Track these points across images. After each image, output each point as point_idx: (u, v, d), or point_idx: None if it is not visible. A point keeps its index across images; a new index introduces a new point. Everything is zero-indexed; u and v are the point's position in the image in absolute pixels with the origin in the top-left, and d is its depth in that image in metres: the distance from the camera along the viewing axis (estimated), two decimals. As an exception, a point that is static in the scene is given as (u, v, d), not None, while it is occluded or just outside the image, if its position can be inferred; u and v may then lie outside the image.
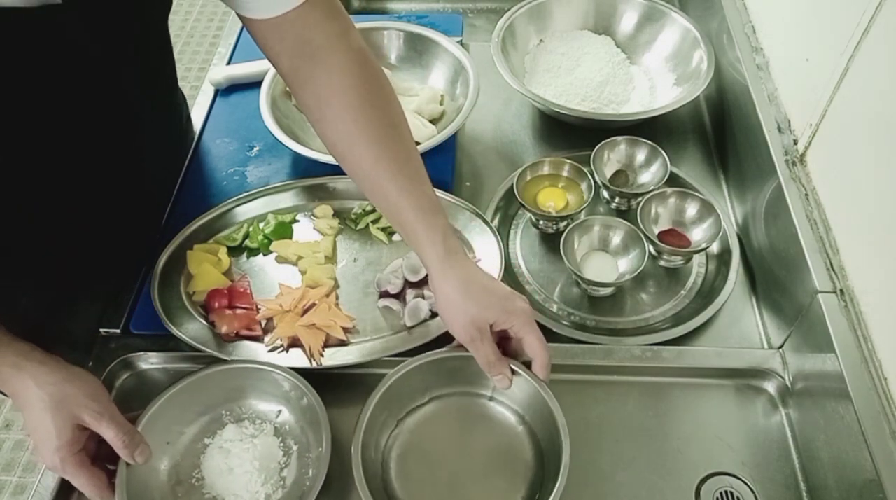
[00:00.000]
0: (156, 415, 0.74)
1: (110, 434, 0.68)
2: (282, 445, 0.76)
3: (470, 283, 0.72)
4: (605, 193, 0.98)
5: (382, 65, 1.09)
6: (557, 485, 0.66)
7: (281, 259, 0.91)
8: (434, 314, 0.83)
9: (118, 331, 0.86)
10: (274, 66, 0.75)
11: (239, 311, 0.84)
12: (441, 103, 1.06)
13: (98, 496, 0.69)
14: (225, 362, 0.78)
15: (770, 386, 0.80)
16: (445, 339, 0.81)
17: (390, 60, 1.12)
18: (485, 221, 0.90)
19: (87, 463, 0.69)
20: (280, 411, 0.78)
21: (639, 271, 0.83)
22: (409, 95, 1.08)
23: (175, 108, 0.99)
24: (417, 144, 0.98)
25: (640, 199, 0.91)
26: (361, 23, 1.11)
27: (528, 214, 0.95)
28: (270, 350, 0.81)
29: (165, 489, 0.73)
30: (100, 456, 0.71)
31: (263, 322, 0.84)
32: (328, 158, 0.94)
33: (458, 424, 0.77)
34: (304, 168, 1.00)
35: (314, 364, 0.79)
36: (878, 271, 0.69)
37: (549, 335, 0.84)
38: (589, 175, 0.94)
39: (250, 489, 0.72)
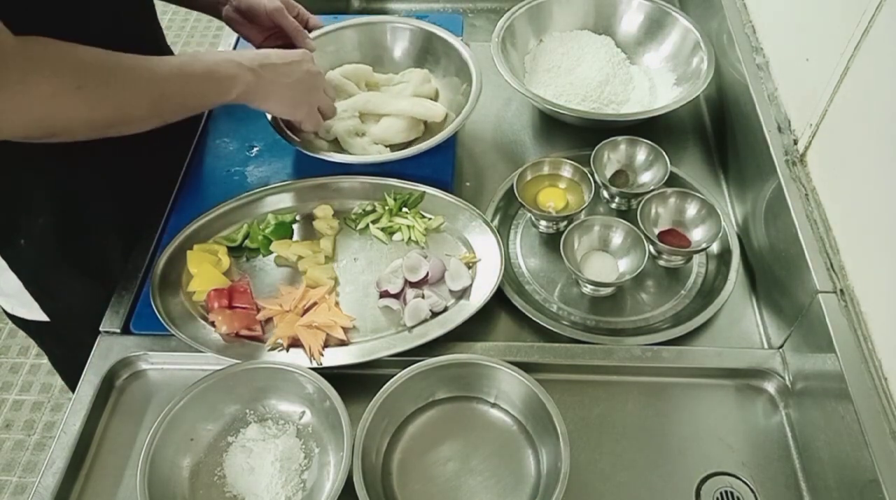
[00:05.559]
0: (182, 410, 0.74)
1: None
2: (303, 447, 0.75)
3: None
4: (605, 193, 0.98)
5: (384, 62, 1.10)
6: (557, 493, 0.66)
7: (281, 259, 0.91)
8: (434, 314, 0.83)
9: (118, 331, 0.86)
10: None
11: (239, 311, 0.83)
12: (430, 81, 1.06)
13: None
14: (252, 361, 0.78)
15: (770, 386, 0.80)
16: (445, 339, 0.81)
17: (392, 58, 1.12)
18: (485, 221, 0.90)
19: None
20: (303, 413, 0.78)
21: (639, 271, 0.83)
22: (395, 84, 1.07)
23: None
24: (416, 143, 0.98)
25: (640, 199, 0.91)
26: (363, 19, 1.11)
27: (529, 214, 0.95)
28: (270, 350, 0.81)
29: (187, 486, 0.73)
30: None
31: (263, 322, 0.84)
32: (328, 158, 0.94)
33: (458, 430, 0.77)
34: (304, 168, 1.00)
35: (314, 364, 0.79)
36: (878, 271, 0.69)
37: (549, 335, 0.84)
38: (589, 175, 0.94)
39: (270, 491, 0.72)
